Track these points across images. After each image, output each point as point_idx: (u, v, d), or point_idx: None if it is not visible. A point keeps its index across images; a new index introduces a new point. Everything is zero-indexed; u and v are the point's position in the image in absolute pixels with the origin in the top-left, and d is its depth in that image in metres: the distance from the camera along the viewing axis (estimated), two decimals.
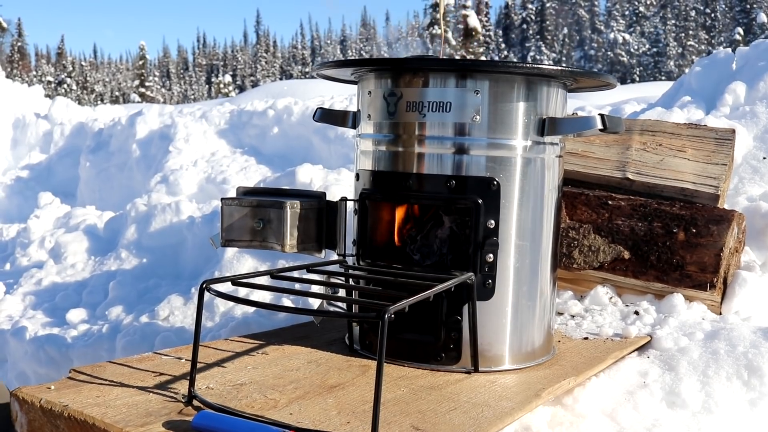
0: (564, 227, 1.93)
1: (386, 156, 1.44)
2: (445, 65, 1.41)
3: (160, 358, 1.39)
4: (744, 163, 2.43)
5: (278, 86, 14.57)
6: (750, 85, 2.78)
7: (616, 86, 1.56)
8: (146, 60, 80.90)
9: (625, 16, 66.63)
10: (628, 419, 1.43)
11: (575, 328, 1.74)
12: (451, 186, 1.37)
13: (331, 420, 1.11)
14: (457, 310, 1.37)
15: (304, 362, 1.40)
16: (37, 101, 9.68)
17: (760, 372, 1.53)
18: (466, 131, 1.37)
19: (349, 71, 1.50)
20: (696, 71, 3.17)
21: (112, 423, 1.07)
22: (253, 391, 1.22)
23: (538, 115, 1.40)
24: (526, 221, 1.41)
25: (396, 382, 1.30)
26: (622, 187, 2.04)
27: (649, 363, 1.59)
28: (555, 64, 1.57)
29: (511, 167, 1.38)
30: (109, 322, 2.75)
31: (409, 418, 1.13)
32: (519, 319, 1.42)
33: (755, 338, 1.60)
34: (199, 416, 1.06)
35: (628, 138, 2.10)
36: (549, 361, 1.48)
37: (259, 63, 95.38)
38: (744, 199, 2.28)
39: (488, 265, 1.38)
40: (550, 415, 1.41)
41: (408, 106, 1.39)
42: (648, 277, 1.86)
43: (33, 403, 1.16)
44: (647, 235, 1.88)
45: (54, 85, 73.09)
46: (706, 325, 1.69)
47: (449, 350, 1.38)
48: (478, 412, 1.17)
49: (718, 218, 1.86)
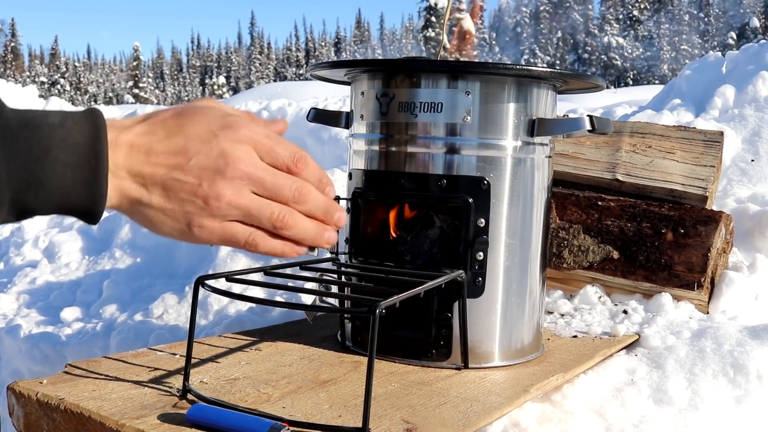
0: (554, 227, 1.96)
1: (378, 155, 1.46)
2: (437, 66, 1.43)
3: (155, 354, 1.41)
4: (732, 166, 2.46)
5: (272, 88, 14.59)
6: (739, 89, 2.82)
7: (604, 88, 1.59)
8: (140, 61, 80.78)
9: (619, 20, 66.86)
10: (616, 416, 1.46)
11: (565, 326, 1.76)
12: (442, 185, 1.39)
13: (323, 413, 1.13)
14: (448, 308, 1.39)
15: (297, 358, 1.42)
16: (31, 101, 9.69)
17: (745, 370, 1.56)
18: (457, 131, 1.39)
19: (343, 72, 1.52)
20: (686, 75, 3.20)
21: (108, 416, 1.09)
22: (246, 385, 1.24)
23: (528, 116, 1.42)
24: (516, 220, 1.43)
25: (387, 377, 1.32)
26: (611, 188, 2.06)
27: (637, 361, 1.61)
28: (549, 67, 1.58)
29: (502, 167, 1.41)
30: (103, 320, 2.77)
31: (399, 412, 1.15)
32: (508, 316, 1.45)
33: (741, 337, 1.63)
34: (193, 409, 1.07)
35: (618, 140, 2.13)
36: (538, 358, 1.51)
37: (253, 64, 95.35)
38: (732, 200, 2.31)
39: (478, 263, 1.40)
40: (539, 411, 1.44)
41: (400, 106, 1.41)
42: (636, 277, 1.88)
43: (29, 396, 1.18)
44: (636, 236, 1.91)
45: (47, 85, 72.91)
46: (693, 324, 1.72)
47: (440, 347, 1.40)
48: (467, 407, 1.19)
49: (705, 219, 1.89)
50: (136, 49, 77.69)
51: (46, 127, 0.78)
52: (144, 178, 0.82)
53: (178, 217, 0.85)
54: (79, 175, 0.78)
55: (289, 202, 0.88)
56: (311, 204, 0.90)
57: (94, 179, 0.79)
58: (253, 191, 0.86)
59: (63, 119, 0.79)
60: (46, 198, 0.78)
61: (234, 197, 0.84)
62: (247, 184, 0.85)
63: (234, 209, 0.85)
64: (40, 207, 0.79)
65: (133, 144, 0.82)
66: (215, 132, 0.85)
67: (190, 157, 0.83)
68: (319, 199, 0.91)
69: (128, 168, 0.82)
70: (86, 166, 0.78)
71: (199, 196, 0.83)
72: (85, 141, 0.78)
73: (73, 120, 0.79)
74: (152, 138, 0.83)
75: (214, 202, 0.84)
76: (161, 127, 0.84)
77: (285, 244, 0.91)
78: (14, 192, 0.76)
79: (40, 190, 0.77)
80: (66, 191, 0.78)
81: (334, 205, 0.93)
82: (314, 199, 0.90)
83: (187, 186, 0.83)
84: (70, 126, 0.78)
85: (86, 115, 0.80)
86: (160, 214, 0.84)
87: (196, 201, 0.84)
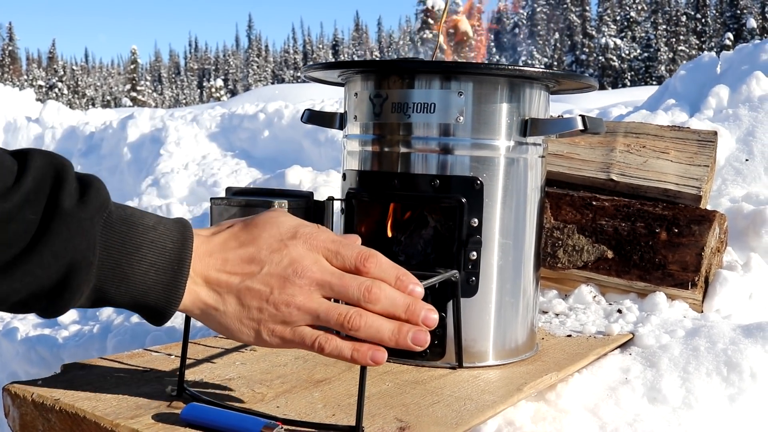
0: (549, 227, 1.97)
1: (372, 156, 1.46)
2: (429, 67, 1.44)
3: (150, 355, 1.42)
4: (727, 165, 2.47)
5: (270, 90, 14.60)
6: (733, 89, 2.83)
7: (596, 88, 1.59)
8: (138, 64, 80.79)
9: (616, 21, 66.94)
10: (610, 414, 1.46)
11: (559, 326, 1.77)
12: (436, 185, 1.40)
13: (316, 412, 1.14)
14: (442, 307, 1.40)
15: (292, 358, 1.42)
16: (29, 105, 9.70)
17: (739, 368, 1.57)
18: (450, 132, 1.40)
19: (336, 73, 1.53)
20: (681, 75, 3.22)
21: (103, 415, 1.09)
22: (240, 385, 1.25)
23: (521, 116, 1.43)
24: (509, 220, 1.44)
25: (381, 377, 1.33)
26: (606, 188, 2.07)
27: (631, 360, 1.62)
28: (547, 68, 1.59)
29: (495, 167, 1.41)
30: (100, 322, 2.77)
31: (393, 410, 1.16)
32: (502, 315, 1.45)
33: (735, 335, 1.63)
34: (187, 408, 1.08)
35: (613, 140, 2.14)
36: (532, 357, 1.51)
37: (251, 67, 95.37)
38: (727, 200, 2.32)
39: (472, 263, 1.40)
40: (533, 410, 1.44)
41: (393, 107, 1.42)
42: (631, 276, 1.89)
43: (25, 397, 1.18)
44: (630, 235, 1.91)
45: (45, 89, 72.91)
46: (687, 323, 1.73)
47: (434, 346, 1.41)
48: (460, 405, 1.20)
49: (699, 218, 1.90)
50: (133, 53, 77.71)
51: (141, 227, 0.84)
52: (220, 285, 0.88)
53: (251, 324, 0.89)
54: (162, 276, 0.84)
55: (359, 302, 0.90)
56: (385, 302, 0.91)
57: (174, 283, 0.85)
58: (323, 295, 0.89)
59: (157, 223, 0.86)
60: (125, 291, 0.84)
61: (303, 302, 0.88)
62: (316, 289, 0.89)
63: (304, 314, 0.89)
64: (118, 299, 0.85)
65: (212, 253, 0.88)
66: (285, 242, 0.90)
67: (263, 266, 0.88)
68: (396, 296, 0.92)
69: (205, 276, 0.88)
70: (169, 270, 0.84)
71: (271, 303, 0.88)
72: (173, 246, 0.85)
73: (164, 225, 0.86)
74: (227, 247, 0.89)
75: (285, 308, 0.88)
76: (235, 238, 0.90)
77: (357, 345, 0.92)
78: (99, 280, 0.82)
79: (123, 282, 0.83)
80: (146, 289, 0.84)
81: (418, 302, 0.93)
82: (388, 297, 0.91)
83: (259, 293, 0.88)
84: (162, 230, 0.85)
85: (176, 223, 0.87)
86: (235, 321, 0.90)
87: (267, 308, 0.88)
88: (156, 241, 0.84)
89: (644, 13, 65.56)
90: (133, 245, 0.82)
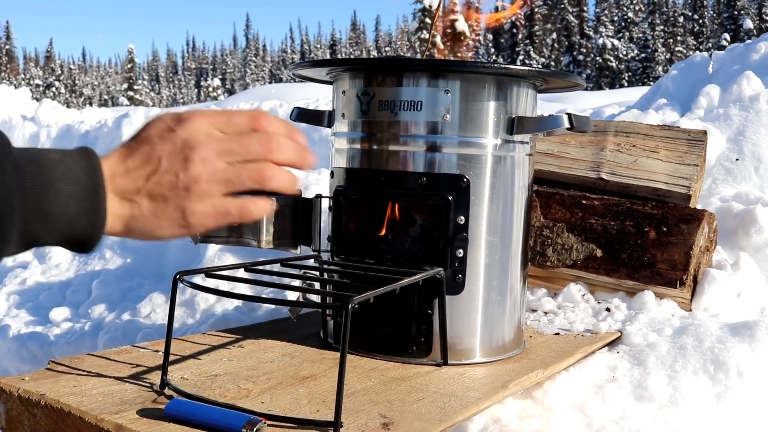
0: (538, 226, 1.97)
1: (360, 154, 1.47)
2: (416, 65, 1.44)
3: (138, 351, 1.42)
4: (717, 165, 2.48)
5: (266, 89, 14.60)
6: (724, 88, 2.83)
7: (584, 86, 1.60)
8: (135, 63, 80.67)
9: (613, 22, 66.94)
10: (597, 412, 1.47)
11: (547, 324, 1.77)
12: (423, 183, 1.40)
13: (301, 408, 1.14)
14: (428, 304, 1.40)
15: (279, 355, 1.43)
16: (24, 103, 9.69)
17: (725, 366, 1.57)
18: (437, 129, 1.40)
19: (325, 71, 1.53)
20: (673, 75, 3.22)
21: (88, 411, 1.10)
22: (226, 381, 1.25)
23: (508, 114, 1.43)
24: (496, 218, 1.44)
25: (367, 373, 1.33)
26: (596, 187, 2.08)
27: (619, 358, 1.62)
28: (545, 68, 1.60)
29: (481, 165, 1.42)
30: (91, 320, 2.77)
31: (377, 407, 1.16)
32: (489, 313, 1.46)
33: (722, 334, 1.64)
34: (171, 404, 1.08)
35: (603, 139, 2.14)
36: (519, 354, 1.52)
37: (248, 67, 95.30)
38: (717, 199, 2.33)
39: (458, 261, 1.41)
40: (520, 408, 1.45)
41: (381, 105, 1.42)
42: (620, 275, 1.90)
43: (11, 392, 1.18)
44: (619, 234, 1.92)
45: (42, 88, 72.81)
46: (675, 321, 1.73)
47: (420, 343, 1.41)
48: (445, 402, 1.20)
49: (688, 217, 1.90)
50: (131, 52, 77.61)
51: (49, 163, 0.84)
52: (130, 193, 0.88)
53: (170, 214, 0.89)
54: (83, 204, 0.84)
55: (263, 155, 0.92)
56: (288, 149, 0.93)
57: (95, 207, 0.85)
58: (227, 162, 0.90)
59: (63, 156, 0.86)
60: (51, 227, 0.84)
61: (211, 173, 0.89)
62: (218, 158, 0.90)
63: (216, 184, 0.89)
64: (46, 236, 0.85)
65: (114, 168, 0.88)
66: (173, 128, 0.90)
67: (160, 158, 0.89)
68: (292, 144, 0.94)
69: (115, 190, 0.88)
70: (87, 196, 0.85)
71: (181, 187, 0.88)
72: (84, 174, 0.85)
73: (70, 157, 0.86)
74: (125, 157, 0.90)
75: (195, 185, 0.88)
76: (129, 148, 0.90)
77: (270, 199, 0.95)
78: (23, 222, 0.82)
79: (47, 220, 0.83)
80: (69, 220, 0.84)
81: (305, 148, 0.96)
82: (289, 145, 0.94)
83: (168, 183, 0.88)
84: (70, 162, 0.85)
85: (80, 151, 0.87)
86: (154, 219, 0.90)
87: (179, 193, 0.88)
88: (67, 173, 0.84)
89: (642, 14, 65.60)
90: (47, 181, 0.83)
